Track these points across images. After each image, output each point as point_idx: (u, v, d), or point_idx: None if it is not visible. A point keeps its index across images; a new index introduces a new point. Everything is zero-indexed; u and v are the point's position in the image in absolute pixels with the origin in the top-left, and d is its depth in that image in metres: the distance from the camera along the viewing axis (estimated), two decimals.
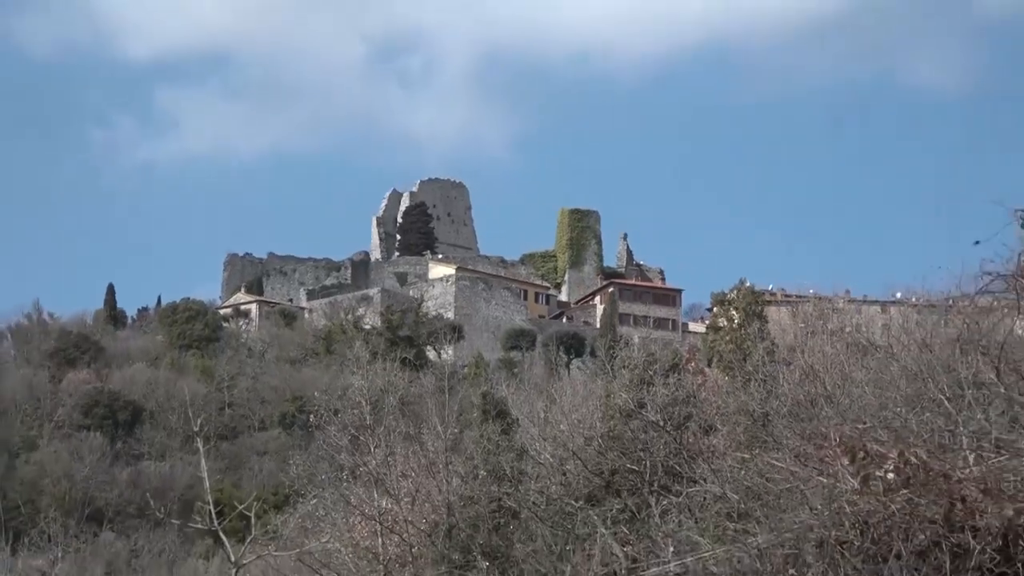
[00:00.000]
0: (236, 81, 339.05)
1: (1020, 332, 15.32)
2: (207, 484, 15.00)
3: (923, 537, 11.55)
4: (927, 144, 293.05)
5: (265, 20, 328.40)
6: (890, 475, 12.02)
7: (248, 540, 14.00)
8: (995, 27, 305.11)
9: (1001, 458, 12.64)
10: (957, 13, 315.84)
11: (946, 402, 17.26)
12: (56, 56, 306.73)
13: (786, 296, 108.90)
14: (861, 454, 11.77)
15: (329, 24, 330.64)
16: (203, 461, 18.45)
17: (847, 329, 46.10)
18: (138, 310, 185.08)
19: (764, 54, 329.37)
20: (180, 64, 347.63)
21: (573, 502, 22.84)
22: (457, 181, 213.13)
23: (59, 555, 59.17)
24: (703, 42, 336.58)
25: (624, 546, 16.66)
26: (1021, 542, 11.31)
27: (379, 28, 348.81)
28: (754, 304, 71.16)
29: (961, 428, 14.45)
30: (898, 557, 10.73)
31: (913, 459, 11.66)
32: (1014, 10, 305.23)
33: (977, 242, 15.03)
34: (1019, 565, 10.86)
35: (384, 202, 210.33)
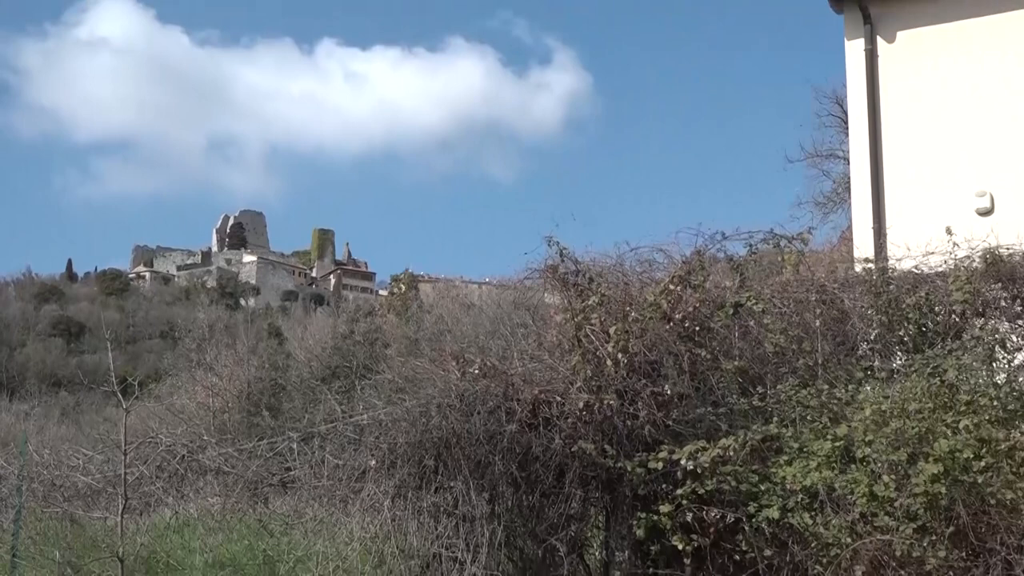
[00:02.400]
0: (135, 154, 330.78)
1: (546, 300, 16.44)
2: (112, 366, 15.24)
3: (492, 403, 11.70)
4: (497, 206, 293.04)
5: (152, 120, 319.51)
6: (476, 371, 12.42)
7: (133, 396, 14.27)
8: (534, 146, 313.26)
9: (532, 364, 13.89)
10: (502, 139, 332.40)
11: (508, 335, 18.44)
12: (37, 137, 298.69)
13: (430, 277, 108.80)
14: (462, 360, 11.91)
15: (189, 124, 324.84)
16: (110, 354, 18.99)
17: (461, 296, 47.40)
18: (84, 273, 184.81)
19: (417, 154, 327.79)
20: (104, 144, 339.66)
21: (315, 381, 23.86)
22: (260, 212, 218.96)
23: (36, 403, 58.29)
24: (384, 143, 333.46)
25: (340, 405, 17.21)
26: (540, 407, 11.14)
27: (214, 128, 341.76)
28: (412, 281, 71.42)
29: (514, 348, 15.77)
30: (479, 413, 11.55)
31: (488, 363, 12.84)
32: (539, 139, 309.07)
33: (526, 253, 16.40)
34: (540, 420, 11.50)
35: (220, 220, 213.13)
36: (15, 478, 11.54)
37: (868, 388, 9.93)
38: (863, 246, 15.51)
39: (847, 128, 16.95)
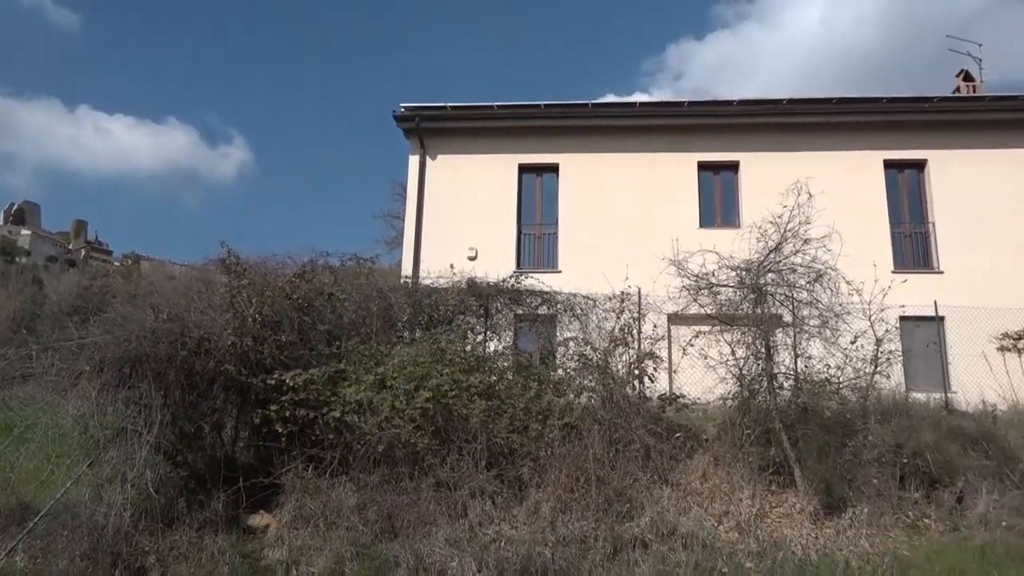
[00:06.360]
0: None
1: (219, 279, 14.69)
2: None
3: (173, 337, 8.72)
4: (188, 221, 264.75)
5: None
6: (165, 316, 9.46)
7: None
8: (216, 187, 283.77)
9: (203, 316, 11.84)
10: (195, 182, 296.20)
11: (192, 297, 16.66)
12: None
13: (149, 257, 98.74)
14: (157, 308, 9.58)
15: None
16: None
17: (167, 271, 42.96)
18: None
19: (141, 183, 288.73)
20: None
21: (62, 315, 21.07)
22: (37, 203, 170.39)
23: None
24: (120, 174, 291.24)
25: (78, 331, 15.20)
26: (203, 342, 9.50)
27: (3, 148, 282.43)
28: (137, 259, 63.61)
29: (193, 306, 13.41)
30: (163, 343, 9.30)
31: (173, 312, 10.56)
32: (220, 184, 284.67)
33: (207, 249, 14.66)
34: (203, 350, 10.01)
35: (7, 205, 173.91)
36: None
37: (399, 347, 9.88)
38: (407, 269, 15.72)
39: (406, 202, 17.06)
